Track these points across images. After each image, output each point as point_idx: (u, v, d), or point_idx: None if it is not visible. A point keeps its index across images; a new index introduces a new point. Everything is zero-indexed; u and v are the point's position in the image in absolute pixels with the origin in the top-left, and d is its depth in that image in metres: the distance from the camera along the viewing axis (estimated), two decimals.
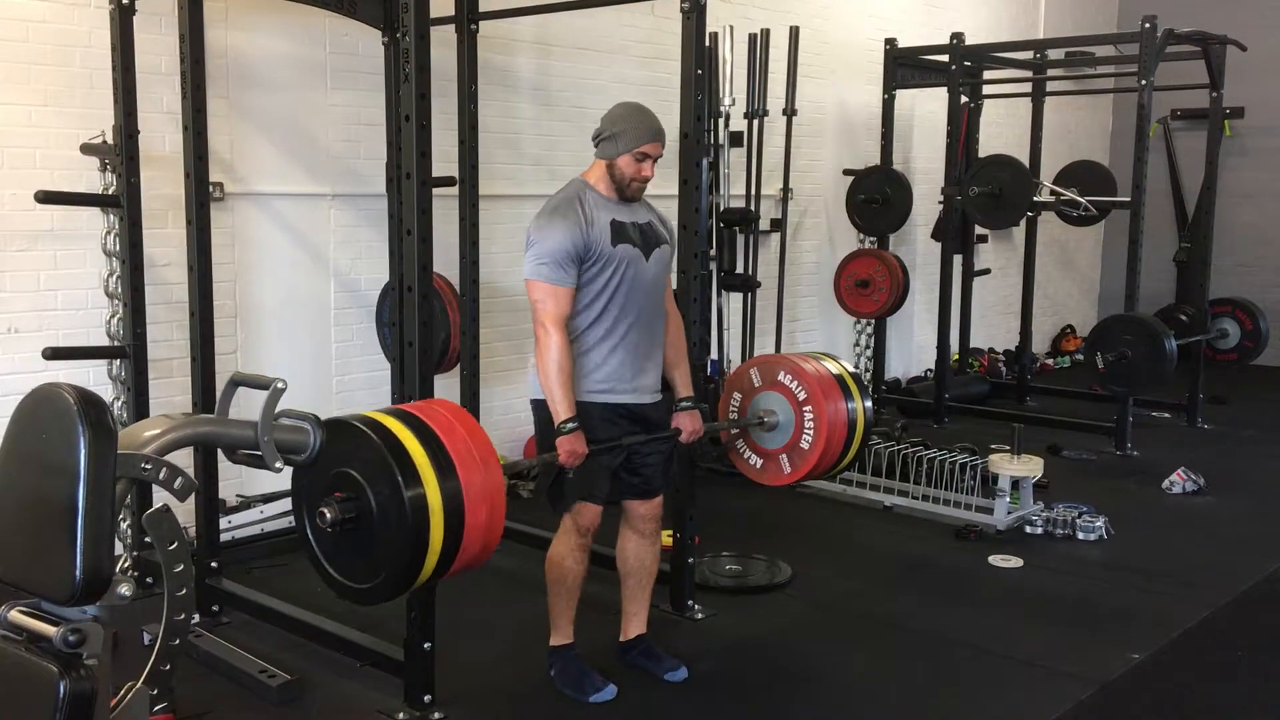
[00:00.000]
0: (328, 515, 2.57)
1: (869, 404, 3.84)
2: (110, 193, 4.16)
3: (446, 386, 4.85)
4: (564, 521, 3.42)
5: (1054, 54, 8.32)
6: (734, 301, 6.37)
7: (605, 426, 3.33)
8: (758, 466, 3.88)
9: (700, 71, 3.85)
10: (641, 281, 3.34)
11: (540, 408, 3.31)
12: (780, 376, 3.77)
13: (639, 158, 3.31)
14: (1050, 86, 8.35)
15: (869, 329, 7.78)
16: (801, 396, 3.72)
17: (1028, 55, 8.12)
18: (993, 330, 9.31)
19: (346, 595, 2.74)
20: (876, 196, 7.35)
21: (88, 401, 1.75)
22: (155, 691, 1.95)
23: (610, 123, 3.34)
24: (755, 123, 6.24)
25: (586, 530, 3.40)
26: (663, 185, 4.29)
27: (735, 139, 6.23)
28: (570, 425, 3.20)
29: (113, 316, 4.25)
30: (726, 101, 5.99)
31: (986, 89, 8.16)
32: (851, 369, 3.89)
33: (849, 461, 3.89)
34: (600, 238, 3.26)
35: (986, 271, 8.47)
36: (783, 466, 3.81)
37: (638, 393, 3.39)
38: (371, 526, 2.58)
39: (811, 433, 3.70)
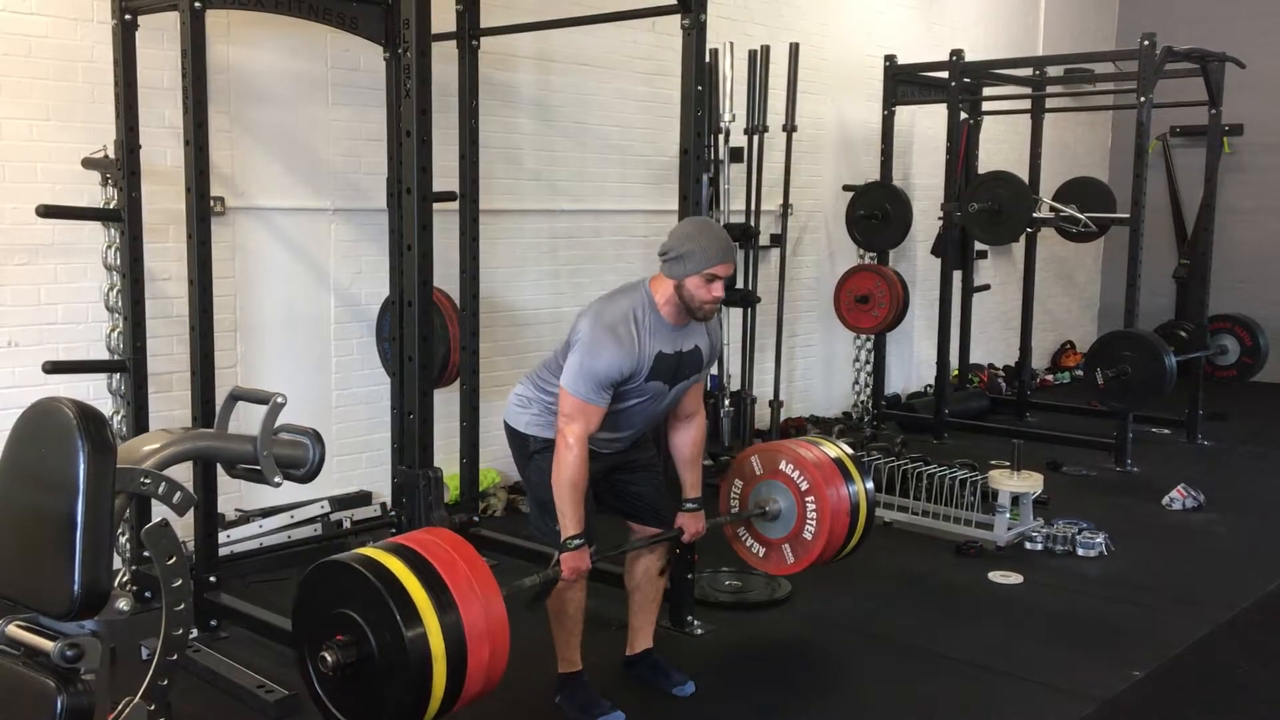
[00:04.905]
0: (329, 659, 2.56)
1: (870, 484, 3.90)
2: (111, 207, 4.16)
3: (446, 401, 4.85)
4: None
5: (1053, 71, 8.34)
6: (734, 317, 6.37)
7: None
8: (760, 555, 3.95)
9: (700, 87, 3.86)
10: (652, 410, 3.36)
11: (514, 435, 3.36)
12: (782, 465, 3.82)
13: (708, 279, 3.18)
14: (1050, 103, 8.37)
15: (869, 344, 7.77)
16: (804, 486, 3.76)
17: (1027, 72, 8.15)
18: (992, 346, 9.31)
19: None
20: (876, 212, 7.36)
21: (87, 416, 1.75)
22: (153, 707, 1.95)
23: (678, 241, 3.21)
24: (755, 138, 6.25)
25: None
26: (662, 201, 4.31)
27: (735, 154, 6.24)
28: (576, 542, 3.17)
29: (113, 330, 4.25)
30: (727, 117, 6.00)
31: (986, 105, 8.18)
32: (849, 450, 3.94)
33: (853, 548, 3.94)
34: (642, 369, 3.21)
35: (986, 287, 8.47)
36: (785, 556, 3.88)
37: (612, 445, 3.40)
38: (373, 670, 2.57)
39: (814, 523, 3.76)
